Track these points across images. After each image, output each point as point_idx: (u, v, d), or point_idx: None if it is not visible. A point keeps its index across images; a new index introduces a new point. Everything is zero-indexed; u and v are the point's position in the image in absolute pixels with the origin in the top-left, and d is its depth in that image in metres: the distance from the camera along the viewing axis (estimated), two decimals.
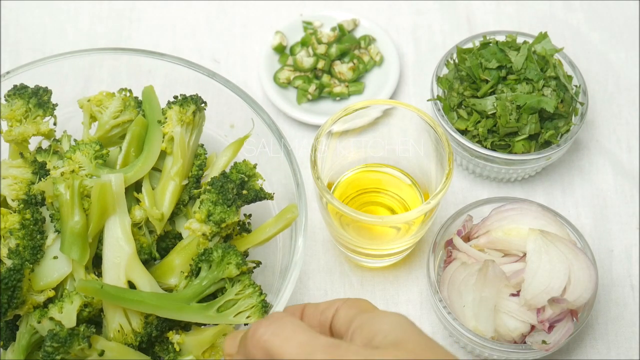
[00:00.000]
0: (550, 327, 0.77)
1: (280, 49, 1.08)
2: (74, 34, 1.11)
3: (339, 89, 1.04)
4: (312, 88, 1.04)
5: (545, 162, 0.94)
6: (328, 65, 1.06)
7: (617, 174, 1.00)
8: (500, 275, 0.77)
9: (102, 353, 0.73)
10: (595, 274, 0.79)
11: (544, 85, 0.92)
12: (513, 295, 0.78)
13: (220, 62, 1.08)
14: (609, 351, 0.89)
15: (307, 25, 1.10)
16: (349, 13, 1.11)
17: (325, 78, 1.05)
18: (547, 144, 0.93)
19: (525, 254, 0.79)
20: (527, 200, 0.86)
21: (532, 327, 0.78)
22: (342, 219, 0.85)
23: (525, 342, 0.79)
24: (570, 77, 0.96)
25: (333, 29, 1.09)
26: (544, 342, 0.77)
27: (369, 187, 0.94)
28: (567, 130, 0.93)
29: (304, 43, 1.08)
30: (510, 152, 0.92)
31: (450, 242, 0.83)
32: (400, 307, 0.91)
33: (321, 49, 1.06)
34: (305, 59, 1.05)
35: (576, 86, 0.96)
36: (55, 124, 0.86)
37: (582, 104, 0.94)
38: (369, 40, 1.09)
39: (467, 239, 0.83)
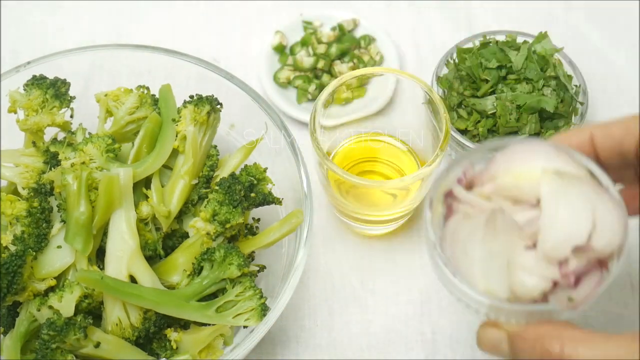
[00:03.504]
0: (577, 281, 0.65)
1: (280, 49, 1.08)
2: (74, 33, 1.11)
3: (345, 94, 1.04)
4: (312, 88, 1.04)
5: None
6: (328, 65, 1.06)
7: None
8: (512, 225, 0.65)
9: (97, 345, 0.73)
10: (625, 215, 0.65)
11: (544, 85, 0.93)
12: (529, 248, 0.65)
13: (220, 62, 1.08)
14: None
15: (307, 25, 1.10)
16: (349, 13, 1.11)
17: (325, 78, 1.05)
18: None
19: (539, 201, 0.67)
20: (537, 139, 0.76)
21: (555, 284, 0.65)
22: (342, 187, 0.86)
23: (547, 301, 0.66)
24: (570, 77, 0.96)
25: (333, 29, 1.10)
26: (570, 299, 0.65)
27: (365, 156, 0.95)
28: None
29: (304, 43, 1.08)
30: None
31: (449, 194, 0.70)
32: (401, 306, 0.91)
33: (321, 49, 1.06)
34: (305, 58, 1.06)
35: (576, 86, 0.96)
36: (72, 116, 0.87)
37: (582, 103, 0.94)
38: (369, 40, 1.09)
39: (469, 188, 0.71)
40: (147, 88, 0.87)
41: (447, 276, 0.67)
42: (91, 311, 0.76)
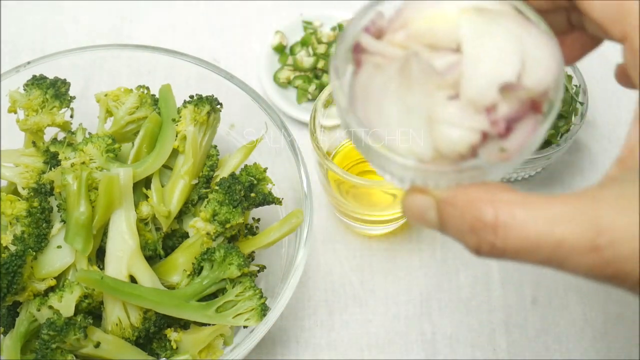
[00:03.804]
0: (508, 129, 0.55)
1: (280, 49, 1.08)
2: (74, 33, 1.11)
3: None
4: (312, 88, 1.04)
5: (545, 162, 0.94)
6: (328, 65, 1.06)
7: None
8: (429, 72, 0.55)
9: (97, 345, 0.73)
10: (557, 49, 0.57)
11: None
12: (452, 98, 0.56)
13: (220, 62, 1.08)
14: (609, 351, 0.88)
15: (307, 24, 1.10)
16: (349, 13, 1.11)
17: (325, 78, 1.05)
18: (547, 143, 0.93)
19: (459, 45, 0.57)
20: None
21: (485, 136, 0.55)
22: (342, 187, 0.86)
23: (477, 156, 0.56)
24: (570, 77, 0.97)
25: (333, 29, 1.10)
26: (502, 149, 0.55)
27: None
28: (567, 130, 0.93)
29: (304, 43, 1.08)
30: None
31: (357, 48, 0.59)
32: (401, 306, 0.91)
33: (321, 49, 1.06)
34: (305, 58, 1.06)
35: (576, 86, 0.96)
36: (72, 116, 0.87)
37: (582, 103, 0.94)
38: None
39: (378, 38, 0.60)
40: (147, 88, 0.87)
41: (364, 141, 0.57)
42: (91, 311, 0.77)
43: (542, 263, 0.47)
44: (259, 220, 0.87)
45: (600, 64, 1.09)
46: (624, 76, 0.58)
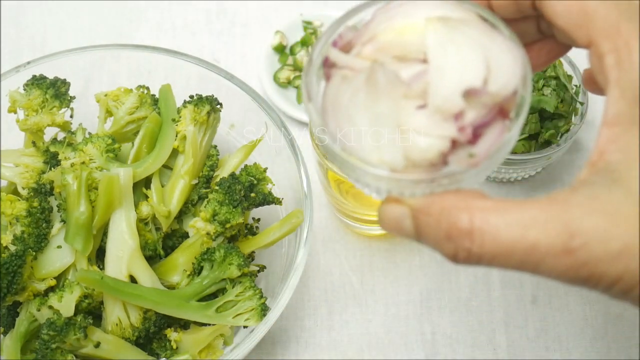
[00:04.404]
0: (476, 135, 0.55)
1: (280, 49, 1.08)
2: (74, 33, 1.11)
3: None
4: None
5: (545, 161, 0.94)
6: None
7: None
8: (395, 81, 0.55)
9: (97, 345, 0.73)
10: (523, 54, 0.57)
11: (544, 85, 0.92)
12: (420, 107, 0.56)
13: (220, 62, 1.08)
14: (609, 351, 0.88)
15: (307, 24, 1.10)
16: None
17: None
18: (547, 143, 0.93)
19: (426, 55, 0.58)
20: None
21: (454, 143, 0.55)
22: (342, 187, 0.86)
23: (447, 163, 0.56)
24: (570, 77, 0.96)
25: None
26: (471, 155, 0.56)
27: None
28: (567, 130, 0.93)
29: (304, 43, 1.08)
30: (510, 152, 0.92)
31: (326, 62, 0.59)
32: (401, 307, 0.91)
33: None
34: (305, 58, 1.05)
35: (576, 86, 0.96)
36: (71, 116, 0.87)
37: (582, 103, 0.94)
38: None
39: (347, 52, 0.61)
40: (147, 88, 0.87)
41: (336, 153, 0.57)
42: (91, 311, 0.77)
43: (517, 267, 0.47)
44: (259, 220, 0.87)
45: None
46: (590, 81, 0.58)
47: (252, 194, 0.81)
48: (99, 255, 0.79)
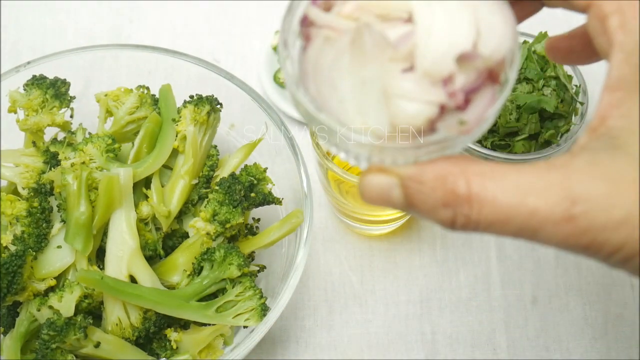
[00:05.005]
0: (466, 101, 0.52)
1: None
2: (73, 33, 1.11)
3: None
4: None
5: None
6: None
7: None
8: (382, 43, 0.52)
9: (97, 345, 0.73)
10: (512, 16, 0.54)
11: (544, 85, 0.92)
12: (406, 71, 0.53)
13: (220, 62, 1.08)
14: (609, 351, 0.89)
15: None
16: None
17: None
18: (547, 143, 0.93)
19: (411, 14, 0.54)
20: None
21: (442, 109, 0.52)
22: (342, 187, 0.86)
23: (436, 130, 0.53)
24: (570, 77, 0.96)
25: None
26: (461, 122, 0.52)
27: None
28: (567, 130, 0.93)
29: None
30: (510, 152, 0.92)
31: (305, 21, 0.56)
32: (401, 306, 0.91)
33: None
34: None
35: (576, 86, 0.96)
36: (71, 116, 0.87)
37: (582, 103, 0.94)
38: None
39: (327, 11, 0.57)
40: (147, 88, 0.87)
41: (316, 118, 0.53)
42: (91, 311, 0.77)
43: (515, 234, 0.46)
44: (259, 220, 0.87)
45: (600, 64, 1.09)
46: (554, 50, 0.58)
47: (252, 194, 0.81)
48: (99, 255, 0.79)
